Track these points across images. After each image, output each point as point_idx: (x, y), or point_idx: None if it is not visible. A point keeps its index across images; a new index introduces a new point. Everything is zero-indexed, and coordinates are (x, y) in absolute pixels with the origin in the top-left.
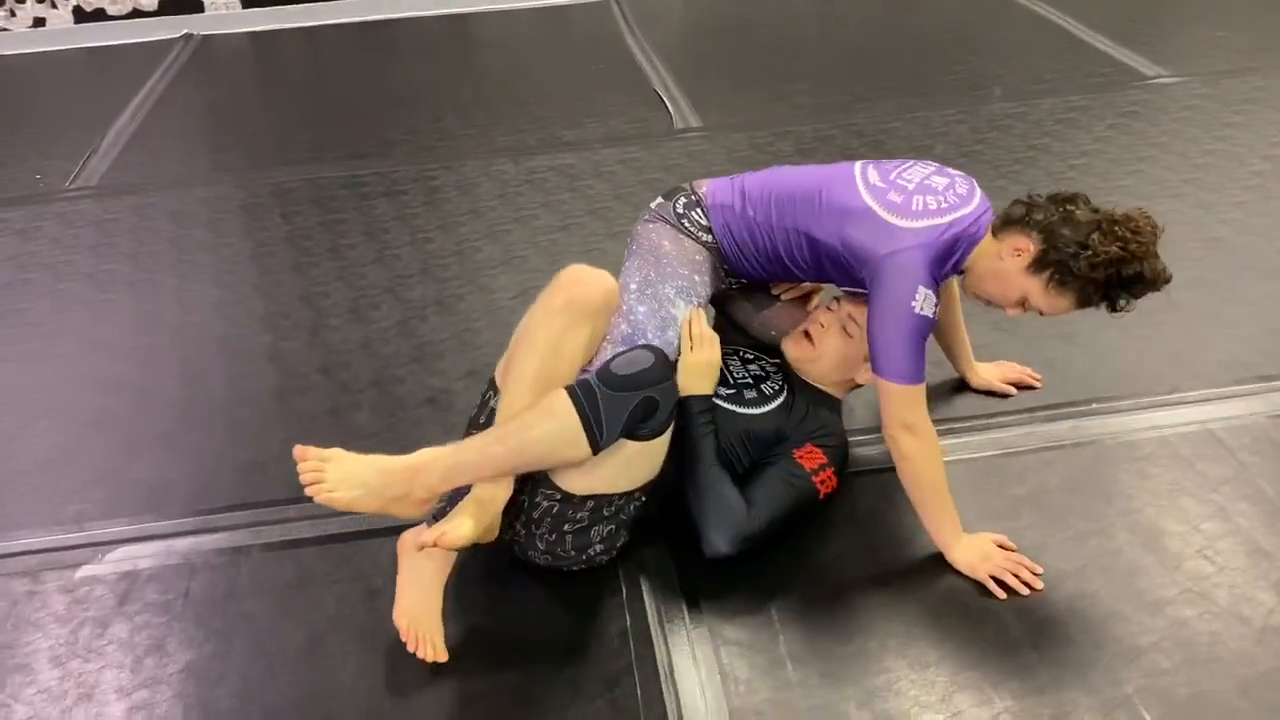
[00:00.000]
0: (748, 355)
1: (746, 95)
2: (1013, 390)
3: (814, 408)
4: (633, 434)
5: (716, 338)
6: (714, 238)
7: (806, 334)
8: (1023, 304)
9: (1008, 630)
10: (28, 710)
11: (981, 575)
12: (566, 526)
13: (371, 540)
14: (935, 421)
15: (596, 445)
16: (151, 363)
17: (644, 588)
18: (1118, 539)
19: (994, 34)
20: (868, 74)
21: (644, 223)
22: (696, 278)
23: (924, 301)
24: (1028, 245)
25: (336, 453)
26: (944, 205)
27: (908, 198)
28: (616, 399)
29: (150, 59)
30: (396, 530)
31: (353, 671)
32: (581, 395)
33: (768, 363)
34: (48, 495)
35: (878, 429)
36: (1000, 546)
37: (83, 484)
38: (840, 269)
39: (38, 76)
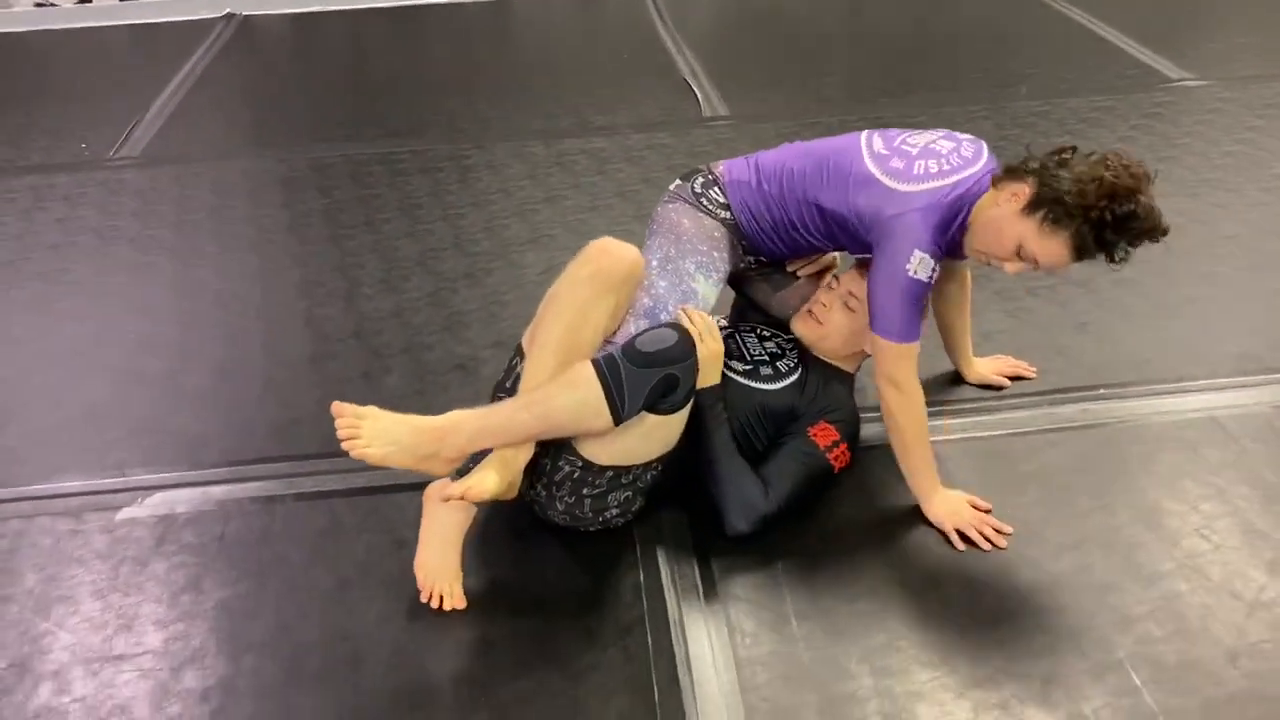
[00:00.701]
0: (764, 333)
1: (774, 86)
2: (1007, 382)
3: (826, 384)
4: (653, 408)
5: (717, 329)
6: (731, 214)
7: (811, 313)
8: (1019, 253)
9: (1005, 598)
10: (71, 638)
11: (948, 527)
12: (586, 491)
13: (399, 494)
14: (950, 402)
15: (619, 417)
16: (191, 324)
17: (658, 547)
18: (1119, 516)
19: (1024, 34)
20: (896, 68)
21: (664, 203)
22: (715, 254)
23: (918, 265)
24: (1023, 189)
25: (372, 410)
26: (946, 168)
27: (910, 162)
28: (639, 374)
29: (193, 37)
30: (422, 485)
31: (377, 614)
32: (606, 369)
33: (784, 340)
34: (91, 443)
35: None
36: (974, 507)
37: (125, 434)
38: (850, 236)
39: (84, 52)
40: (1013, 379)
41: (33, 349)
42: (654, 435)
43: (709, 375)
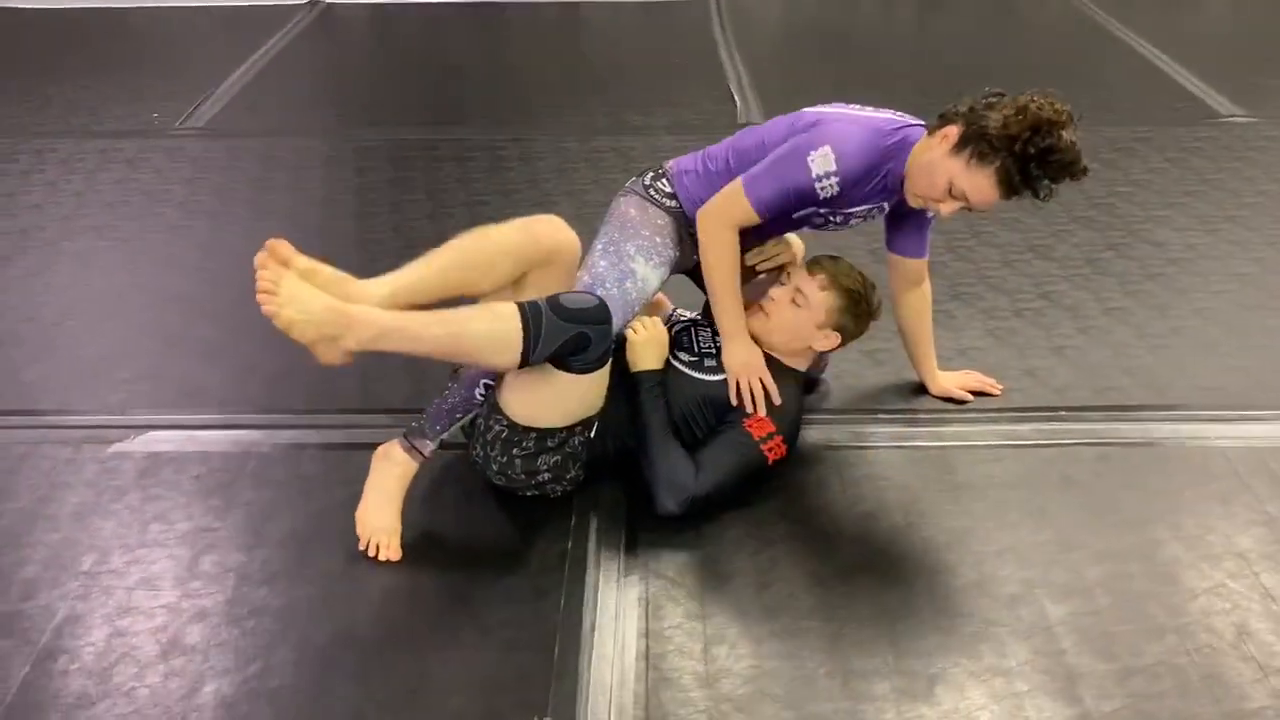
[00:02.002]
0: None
1: (819, 99)
2: (970, 397)
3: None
4: (564, 363)
5: (659, 320)
6: (678, 203)
7: (761, 307)
8: (950, 190)
9: (908, 596)
10: (47, 552)
11: (733, 377)
12: (515, 451)
13: (367, 452)
14: (907, 411)
15: (527, 358)
16: (213, 283)
17: (592, 518)
18: (1043, 533)
19: (1082, 62)
20: (947, 90)
21: (617, 197)
22: (658, 239)
23: (820, 159)
24: (952, 130)
25: (293, 274)
26: (894, 116)
27: (857, 108)
28: (558, 325)
29: (275, 21)
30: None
31: (319, 561)
32: (529, 311)
33: None
34: (101, 384)
35: (848, 410)
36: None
37: (132, 377)
38: (795, 199)
39: (171, 29)
40: (977, 394)
41: (71, 295)
42: (568, 395)
43: (648, 359)
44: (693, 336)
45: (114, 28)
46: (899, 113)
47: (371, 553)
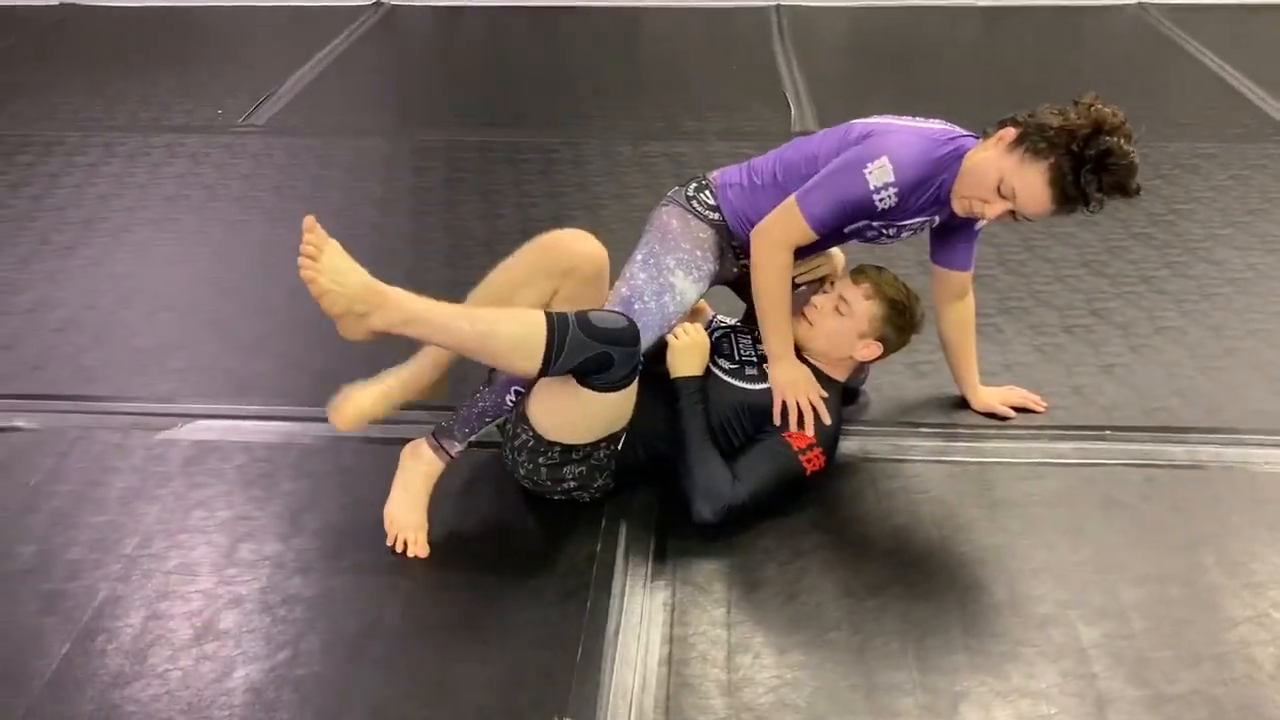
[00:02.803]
0: (759, 336)
1: (875, 108)
2: (1012, 413)
3: None
4: (585, 379)
5: (701, 327)
6: (721, 215)
7: (803, 313)
8: (999, 188)
9: (939, 614)
10: (92, 534)
11: (779, 395)
12: (541, 460)
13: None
14: (947, 426)
15: (547, 368)
16: (266, 278)
17: (622, 523)
18: (1080, 553)
19: (1148, 75)
20: (1008, 102)
21: (659, 206)
22: (699, 253)
23: (877, 169)
24: (1011, 131)
25: (337, 245)
26: (946, 127)
27: (908, 119)
28: (582, 341)
29: (340, 22)
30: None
31: (349, 555)
32: (556, 322)
33: None
34: (153, 373)
35: (887, 422)
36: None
37: (183, 367)
38: (852, 212)
39: (244, 28)
40: (1019, 410)
41: (128, 284)
42: (593, 412)
43: (689, 365)
44: (733, 343)
45: (184, 25)
46: (950, 124)
47: (400, 549)
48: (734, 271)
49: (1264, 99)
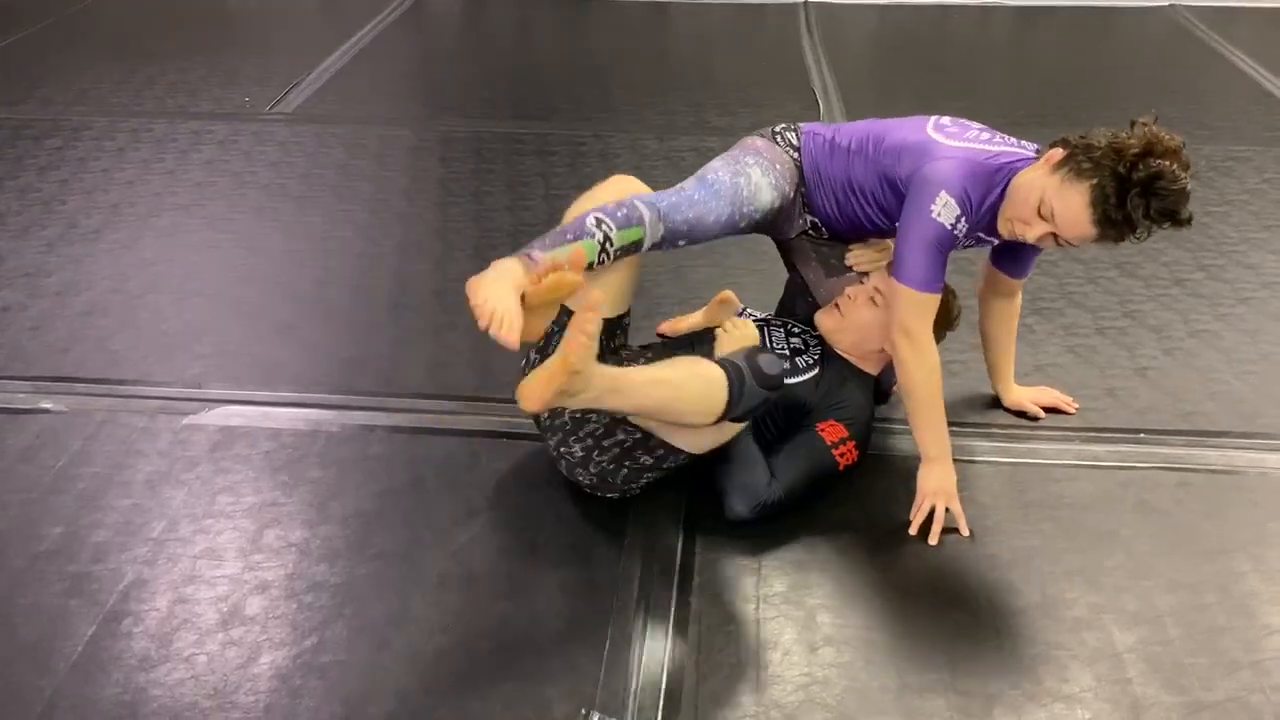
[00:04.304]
0: (794, 329)
1: (903, 105)
2: (1042, 413)
3: (842, 383)
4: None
5: (749, 321)
6: (799, 155)
7: (837, 305)
8: (1040, 209)
9: (972, 614)
10: (119, 517)
11: (923, 498)
12: (627, 463)
13: (431, 436)
14: (980, 425)
15: (723, 419)
16: (294, 265)
17: (652, 517)
18: (1115, 557)
19: (1181, 77)
20: (1038, 101)
21: (744, 138)
22: (778, 166)
23: (943, 207)
24: (1059, 151)
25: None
26: (999, 140)
27: (964, 129)
28: (755, 391)
29: (369, 10)
30: (445, 433)
31: (375, 544)
32: (734, 377)
33: (810, 337)
34: (179, 357)
35: None
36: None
37: (210, 352)
38: (897, 195)
39: (268, 14)
40: (1050, 411)
41: (156, 270)
42: (724, 435)
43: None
44: (767, 336)
45: (214, 11)
46: (1009, 139)
47: (495, 329)
48: (797, 223)
49: None
